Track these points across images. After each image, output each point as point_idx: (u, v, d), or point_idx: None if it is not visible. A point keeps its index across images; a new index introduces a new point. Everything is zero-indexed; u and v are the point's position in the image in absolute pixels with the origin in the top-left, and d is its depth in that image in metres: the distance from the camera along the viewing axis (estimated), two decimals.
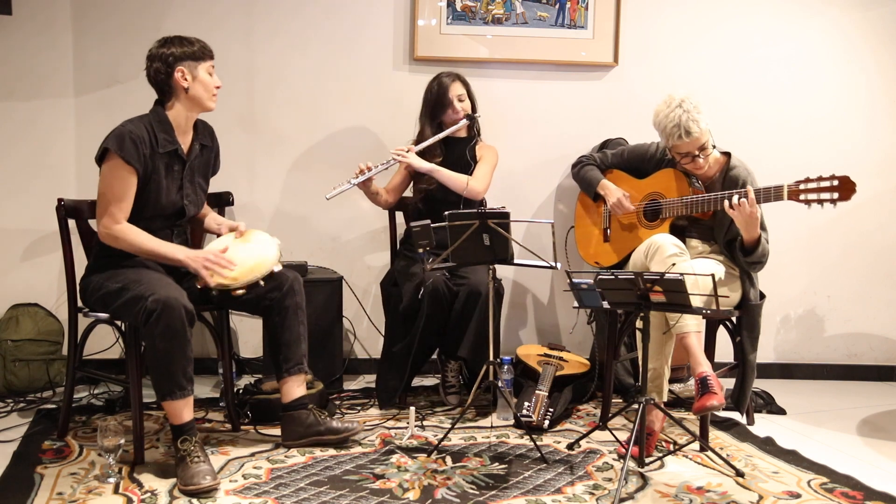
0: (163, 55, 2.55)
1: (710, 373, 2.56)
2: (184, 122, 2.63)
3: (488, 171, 3.26)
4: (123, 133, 2.49)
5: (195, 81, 2.57)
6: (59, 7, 3.48)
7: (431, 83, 3.29)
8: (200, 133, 2.72)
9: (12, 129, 3.50)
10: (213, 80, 2.63)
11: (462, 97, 3.25)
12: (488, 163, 3.28)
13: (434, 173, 3.17)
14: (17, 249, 3.53)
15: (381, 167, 3.15)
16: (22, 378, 3.29)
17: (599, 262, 3.26)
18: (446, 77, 3.26)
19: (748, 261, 2.78)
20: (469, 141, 3.33)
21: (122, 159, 2.47)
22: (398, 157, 3.15)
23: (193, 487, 2.26)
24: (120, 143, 2.47)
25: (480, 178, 3.22)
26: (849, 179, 2.55)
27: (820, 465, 2.58)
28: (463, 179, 3.18)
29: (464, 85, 3.28)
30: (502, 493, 2.31)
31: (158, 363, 2.35)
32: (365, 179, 3.12)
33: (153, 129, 2.56)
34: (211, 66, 2.62)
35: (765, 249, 2.78)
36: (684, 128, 2.74)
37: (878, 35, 3.80)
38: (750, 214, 2.65)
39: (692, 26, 3.75)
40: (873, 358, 3.92)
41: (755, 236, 2.72)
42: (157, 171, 2.55)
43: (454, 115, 3.24)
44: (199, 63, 2.58)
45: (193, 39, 2.60)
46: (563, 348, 3.45)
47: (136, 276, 2.46)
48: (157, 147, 2.55)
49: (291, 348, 2.66)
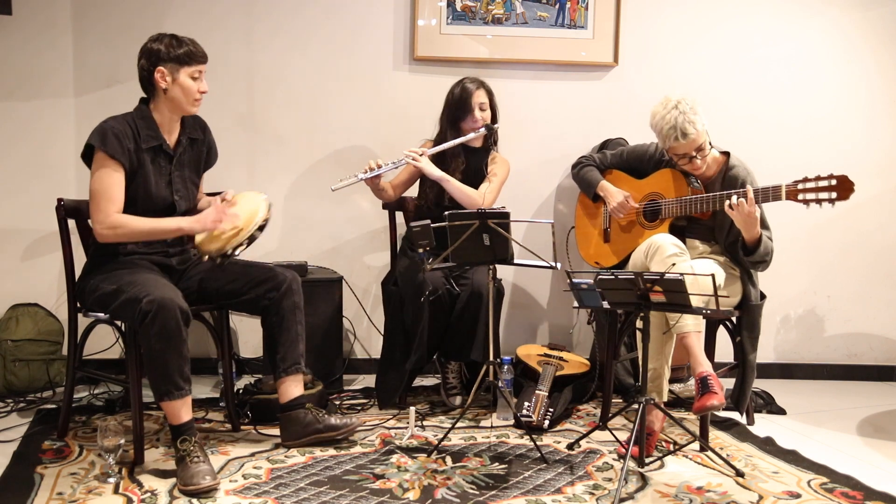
0: (149, 51, 2.54)
1: (711, 372, 2.56)
2: (167, 120, 2.61)
3: (497, 187, 3.23)
4: (105, 129, 2.50)
5: (174, 84, 2.55)
6: (59, 7, 3.48)
7: (455, 87, 3.25)
8: (189, 127, 2.70)
9: (12, 129, 3.50)
10: (198, 85, 2.58)
11: (484, 106, 3.21)
12: (499, 178, 3.25)
13: (444, 182, 3.14)
14: (17, 249, 3.54)
15: (391, 165, 3.11)
16: (22, 378, 3.29)
17: (599, 263, 3.26)
18: (471, 83, 3.22)
19: (751, 260, 2.78)
20: (485, 151, 3.31)
21: (106, 154, 2.47)
22: (411, 160, 3.11)
23: (193, 487, 2.26)
24: (103, 139, 2.48)
25: (489, 195, 3.19)
26: (847, 179, 2.55)
27: (820, 465, 2.58)
28: (472, 194, 3.15)
29: (487, 94, 3.23)
30: (502, 493, 2.31)
31: (155, 364, 2.35)
32: (373, 176, 3.10)
33: (136, 125, 2.56)
34: (197, 70, 2.56)
35: (767, 248, 2.77)
36: (680, 129, 2.74)
37: (878, 35, 3.80)
38: (748, 214, 2.64)
39: (692, 26, 3.76)
40: (873, 358, 3.92)
41: (755, 236, 2.72)
42: (143, 166, 2.55)
43: (473, 124, 3.20)
44: (182, 67, 2.54)
45: (186, 41, 2.56)
46: (563, 348, 3.45)
47: (130, 278, 2.45)
48: (141, 142, 2.55)
49: (289, 348, 2.66)
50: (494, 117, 3.27)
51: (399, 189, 3.33)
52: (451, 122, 3.23)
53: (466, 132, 3.20)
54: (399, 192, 3.34)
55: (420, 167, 3.12)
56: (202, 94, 2.60)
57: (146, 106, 2.61)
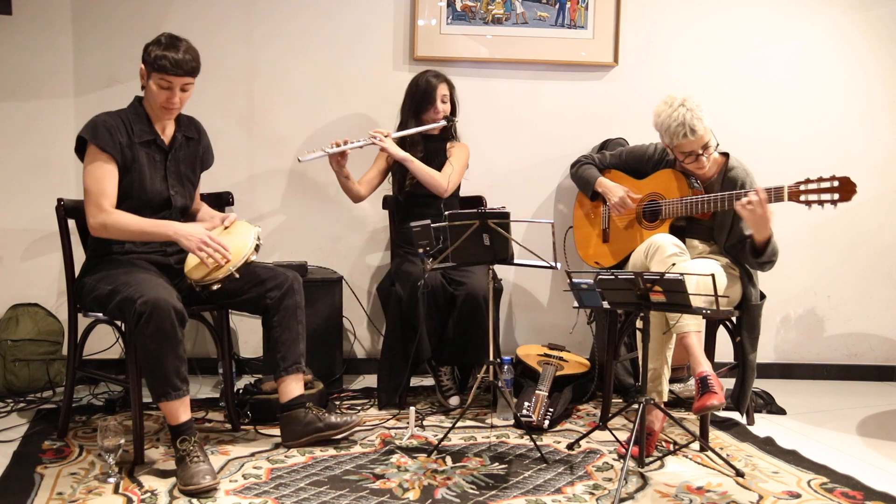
0: (144, 46, 2.55)
1: (711, 372, 2.56)
2: (157, 116, 2.62)
3: (460, 170, 3.35)
4: (97, 122, 2.51)
5: (147, 86, 2.56)
6: (59, 8, 3.48)
7: (419, 79, 3.32)
8: (185, 126, 2.71)
9: (12, 129, 3.50)
10: (166, 95, 2.51)
11: (445, 99, 3.31)
12: (461, 162, 3.36)
13: (407, 163, 3.22)
14: (17, 249, 3.54)
15: (357, 143, 3.19)
16: (22, 378, 3.29)
17: (599, 263, 3.26)
18: (434, 77, 3.30)
19: (760, 261, 2.77)
20: (443, 141, 3.38)
21: (97, 147, 2.48)
22: (376, 139, 3.19)
23: (193, 487, 2.25)
24: (93, 132, 2.49)
25: (453, 177, 3.30)
26: (849, 180, 2.55)
27: (820, 465, 2.58)
28: (436, 176, 3.25)
29: (449, 87, 3.34)
30: (502, 493, 2.31)
31: (151, 365, 2.35)
32: (339, 152, 3.16)
33: (129, 119, 2.56)
34: (162, 79, 2.48)
35: (775, 249, 2.77)
36: (689, 126, 2.74)
37: (878, 35, 3.80)
38: (762, 215, 2.64)
39: (692, 26, 3.76)
40: (873, 358, 3.92)
41: (767, 236, 2.71)
42: (137, 160, 2.55)
43: (434, 115, 3.30)
44: (152, 72, 2.52)
45: (172, 46, 2.48)
46: (563, 348, 3.45)
47: (126, 278, 2.44)
48: (134, 136, 2.55)
49: (290, 347, 2.66)
50: (454, 110, 3.37)
51: (366, 186, 3.37)
52: (413, 112, 3.32)
53: (427, 123, 3.30)
54: (367, 189, 3.37)
55: (385, 146, 3.19)
56: (172, 104, 2.54)
57: (139, 103, 2.62)
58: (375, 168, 3.39)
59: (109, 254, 2.58)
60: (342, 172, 3.25)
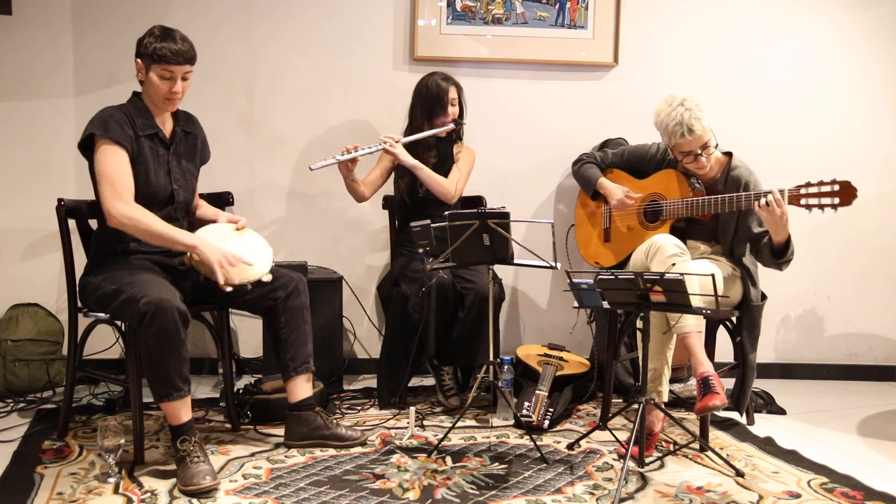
0: (138, 41, 2.55)
1: (712, 372, 2.56)
2: (157, 111, 2.62)
3: (466, 176, 3.35)
4: (104, 116, 2.51)
5: (147, 80, 2.56)
6: (59, 7, 3.48)
7: (428, 81, 3.30)
8: (182, 120, 2.72)
9: (12, 129, 3.50)
10: (168, 85, 2.53)
11: (454, 102, 3.30)
12: (467, 168, 3.35)
13: (417, 171, 3.20)
14: (17, 249, 3.54)
15: (368, 150, 3.17)
16: (22, 378, 3.29)
17: (599, 263, 3.26)
18: (443, 80, 3.29)
19: (780, 261, 2.77)
20: (450, 143, 3.38)
21: (110, 140, 2.48)
22: (386, 145, 3.17)
23: (193, 487, 2.25)
24: (104, 126, 2.49)
25: (460, 183, 3.31)
26: (850, 185, 2.55)
27: (820, 465, 2.58)
28: (444, 183, 3.24)
29: (458, 90, 3.33)
30: (502, 493, 2.31)
31: (153, 365, 2.34)
32: (350, 159, 3.14)
33: (131, 114, 2.57)
34: (167, 70, 2.51)
35: (792, 248, 2.77)
36: (687, 125, 2.74)
37: (878, 35, 3.80)
38: (780, 216, 2.63)
39: (692, 26, 3.76)
40: (873, 358, 3.92)
41: (785, 236, 2.71)
42: (142, 153, 2.55)
43: (444, 118, 3.28)
44: (151, 64, 2.53)
45: (171, 37, 2.52)
46: (563, 348, 3.45)
47: (130, 278, 2.44)
48: (138, 130, 2.55)
49: (299, 348, 2.67)
50: (462, 113, 3.36)
51: (370, 187, 3.36)
52: (427, 116, 3.30)
53: (437, 126, 3.28)
54: (370, 190, 3.36)
55: (395, 153, 3.17)
56: (174, 94, 2.56)
57: (139, 97, 2.62)
58: (379, 169, 3.38)
59: (113, 254, 2.57)
60: (350, 177, 3.24)
